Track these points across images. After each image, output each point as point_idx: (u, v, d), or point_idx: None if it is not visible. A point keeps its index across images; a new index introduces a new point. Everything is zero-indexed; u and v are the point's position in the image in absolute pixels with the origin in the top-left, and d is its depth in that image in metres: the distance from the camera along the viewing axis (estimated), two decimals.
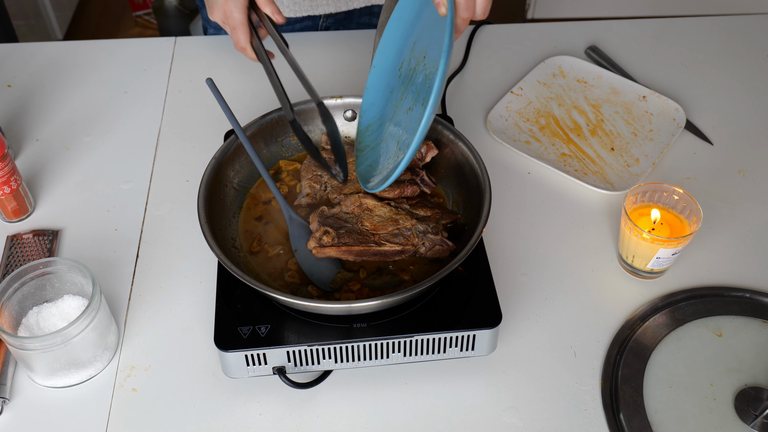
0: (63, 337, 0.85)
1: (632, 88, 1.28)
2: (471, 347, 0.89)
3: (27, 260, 1.02)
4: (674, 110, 1.23)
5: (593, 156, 1.18)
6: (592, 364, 0.93)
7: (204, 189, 0.94)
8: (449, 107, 1.26)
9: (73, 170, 1.16)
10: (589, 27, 1.43)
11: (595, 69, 1.31)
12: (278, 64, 0.99)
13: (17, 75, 1.32)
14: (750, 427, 0.86)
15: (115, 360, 0.94)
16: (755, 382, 0.90)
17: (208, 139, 1.19)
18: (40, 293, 0.93)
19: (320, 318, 0.88)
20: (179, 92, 1.29)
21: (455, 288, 0.91)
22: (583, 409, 0.89)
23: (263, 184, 1.03)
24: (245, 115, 1.21)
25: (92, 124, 1.24)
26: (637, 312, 0.98)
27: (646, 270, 1.00)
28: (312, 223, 0.94)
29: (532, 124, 1.23)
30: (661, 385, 0.90)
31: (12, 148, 1.18)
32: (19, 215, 1.08)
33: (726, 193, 1.13)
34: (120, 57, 1.36)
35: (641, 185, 1.01)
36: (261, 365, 0.88)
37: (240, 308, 0.89)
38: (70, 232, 1.08)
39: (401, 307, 0.89)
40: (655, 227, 0.99)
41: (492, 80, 1.31)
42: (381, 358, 0.89)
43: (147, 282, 1.01)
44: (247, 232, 0.98)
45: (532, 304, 0.99)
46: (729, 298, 0.99)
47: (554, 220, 1.09)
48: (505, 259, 1.04)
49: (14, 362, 0.93)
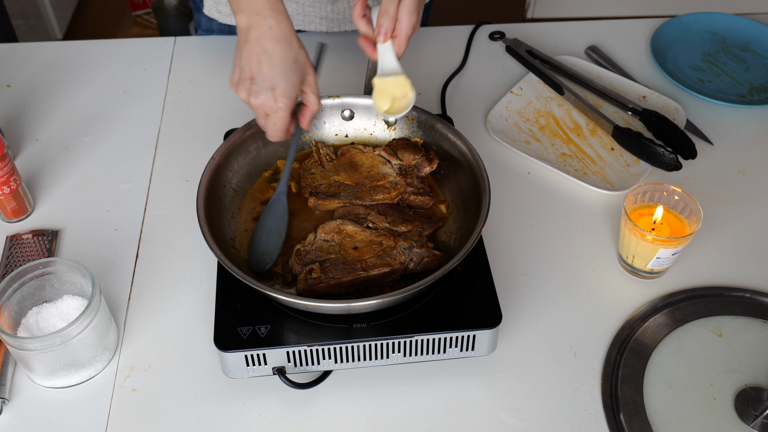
0: (62, 337, 0.85)
1: (632, 88, 1.28)
2: (471, 347, 0.89)
3: (26, 260, 1.02)
4: (674, 110, 1.23)
5: (593, 156, 1.18)
6: (592, 364, 0.93)
7: (203, 189, 0.94)
8: (449, 107, 1.26)
9: (72, 170, 1.16)
10: (589, 27, 1.42)
11: (595, 69, 1.31)
12: None
13: (17, 75, 1.32)
14: (750, 427, 0.86)
15: (115, 360, 0.94)
16: (755, 382, 0.90)
17: (208, 139, 1.19)
18: (39, 293, 0.93)
19: (320, 318, 0.88)
20: (179, 92, 1.28)
21: (455, 288, 0.91)
22: (583, 409, 0.89)
23: (262, 184, 1.03)
24: (245, 116, 1.21)
25: (92, 124, 1.23)
26: (637, 312, 0.98)
27: (646, 270, 1.00)
28: (293, 267, 0.93)
29: (532, 124, 1.23)
30: (661, 385, 0.90)
31: (11, 148, 1.18)
32: (18, 215, 1.08)
33: (726, 193, 1.13)
34: (120, 57, 1.36)
35: (641, 185, 1.01)
36: (261, 365, 0.87)
37: (240, 308, 0.89)
38: (70, 232, 1.07)
39: (401, 307, 0.89)
40: (655, 227, 0.99)
41: (492, 80, 1.31)
42: (381, 359, 0.89)
43: (147, 282, 1.01)
44: (247, 231, 0.98)
45: (532, 304, 0.99)
46: (729, 298, 0.99)
47: (554, 220, 1.09)
48: (504, 259, 1.04)
49: (14, 362, 0.92)
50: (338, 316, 0.88)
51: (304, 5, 1.29)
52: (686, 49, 1.37)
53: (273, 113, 0.92)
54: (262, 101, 0.91)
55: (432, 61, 1.34)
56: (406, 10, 0.93)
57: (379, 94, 0.98)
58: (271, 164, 1.06)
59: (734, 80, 1.31)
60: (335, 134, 1.09)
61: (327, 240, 0.94)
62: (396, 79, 0.97)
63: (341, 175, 1.02)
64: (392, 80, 0.97)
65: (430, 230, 0.97)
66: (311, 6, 1.29)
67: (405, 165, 1.03)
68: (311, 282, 0.89)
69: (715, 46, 1.37)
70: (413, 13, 0.94)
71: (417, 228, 0.96)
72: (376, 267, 0.91)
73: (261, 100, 0.91)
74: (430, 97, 1.28)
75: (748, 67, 1.33)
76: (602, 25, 1.43)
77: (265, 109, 0.92)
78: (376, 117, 1.07)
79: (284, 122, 0.93)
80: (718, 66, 1.34)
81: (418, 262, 0.92)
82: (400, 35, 0.95)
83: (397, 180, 1.01)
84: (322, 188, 1.01)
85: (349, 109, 1.07)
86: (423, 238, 0.95)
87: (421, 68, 1.33)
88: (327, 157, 1.04)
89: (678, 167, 1.10)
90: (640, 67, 1.34)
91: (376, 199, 1.00)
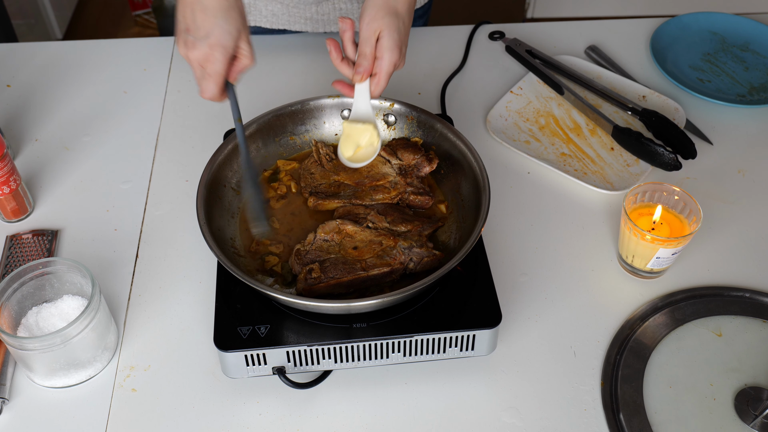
0: (62, 337, 0.85)
1: (632, 87, 1.28)
2: (471, 347, 0.89)
3: (26, 260, 1.02)
4: (674, 110, 1.23)
5: (593, 156, 1.18)
6: (592, 364, 0.93)
7: (203, 189, 0.94)
8: (449, 107, 1.26)
9: (72, 170, 1.16)
10: (589, 27, 1.42)
11: (595, 69, 1.31)
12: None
13: (16, 75, 1.32)
14: (750, 427, 0.86)
15: (115, 360, 0.94)
16: (755, 382, 0.90)
17: (208, 139, 1.19)
18: (39, 293, 0.93)
19: (320, 318, 0.88)
20: (179, 92, 1.28)
21: (455, 288, 0.91)
22: (583, 409, 0.89)
23: (262, 184, 1.03)
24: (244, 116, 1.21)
25: (92, 123, 1.23)
26: (636, 312, 0.98)
27: (646, 270, 1.00)
28: (293, 267, 0.93)
29: (532, 123, 1.23)
30: (661, 385, 0.90)
31: (11, 148, 1.18)
32: (18, 215, 1.08)
33: (726, 192, 1.13)
34: (119, 57, 1.36)
35: (641, 185, 1.01)
36: (261, 365, 0.87)
37: (239, 308, 0.89)
38: (70, 232, 1.07)
39: (401, 307, 0.89)
40: (655, 227, 0.99)
41: (492, 80, 1.31)
42: (381, 358, 0.89)
43: (146, 282, 1.01)
44: (246, 231, 0.98)
45: (531, 304, 0.99)
46: (729, 298, 0.99)
47: (554, 220, 1.09)
48: (504, 259, 1.04)
49: (14, 362, 0.92)
50: (338, 315, 0.88)
51: (289, 6, 1.29)
52: (686, 48, 1.37)
53: (208, 64, 0.88)
54: (197, 53, 0.88)
55: (432, 61, 1.34)
56: (386, 48, 0.92)
57: (345, 139, 0.97)
58: (271, 164, 1.06)
59: (734, 80, 1.31)
60: (335, 134, 1.09)
61: (327, 240, 0.94)
62: (365, 127, 0.96)
63: (341, 175, 1.02)
64: (361, 127, 0.96)
65: (429, 230, 0.97)
66: (296, 7, 1.29)
67: (405, 165, 1.03)
68: (311, 282, 0.89)
69: (714, 46, 1.37)
70: (394, 51, 0.92)
71: (417, 228, 0.96)
72: (376, 267, 0.91)
73: (197, 52, 0.88)
74: (430, 97, 1.28)
75: (747, 67, 1.33)
76: (602, 25, 1.43)
77: (200, 61, 0.88)
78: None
79: (219, 75, 0.88)
80: (718, 66, 1.34)
81: (417, 262, 0.92)
82: (379, 73, 0.94)
83: (397, 180, 1.01)
84: (322, 188, 1.01)
85: (349, 109, 1.07)
86: (423, 238, 0.95)
87: (421, 68, 1.33)
88: (327, 157, 1.04)
89: (678, 167, 1.10)
90: (639, 67, 1.34)
91: (375, 198, 1.00)
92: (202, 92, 0.91)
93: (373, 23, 0.92)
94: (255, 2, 1.29)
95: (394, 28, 0.92)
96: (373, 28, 0.92)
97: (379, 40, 0.93)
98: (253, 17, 1.31)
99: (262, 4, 1.29)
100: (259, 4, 1.29)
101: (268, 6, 1.29)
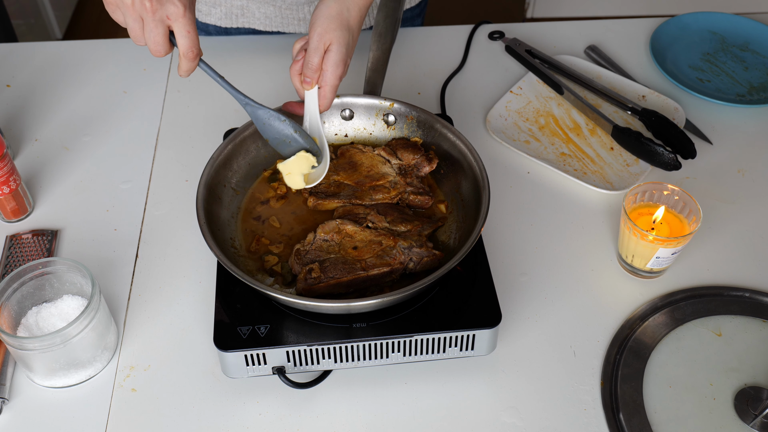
0: (62, 337, 0.85)
1: (632, 87, 1.28)
2: (471, 347, 0.89)
3: (26, 260, 1.02)
4: (674, 110, 1.23)
5: (593, 155, 1.18)
6: (592, 364, 0.93)
7: (203, 189, 0.94)
8: (449, 107, 1.26)
9: (72, 170, 1.16)
10: (589, 26, 1.42)
11: (595, 68, 1.31)
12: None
13: (16, 75, 1.32)
14: (750, 426, 0.86)
15: (115, 360, 0.94)
16: (755, 381, 0.90)
17: (207, 139, 1.19)
18: (39, 293, 0.93)
19: (320, 318, 0.88)
20: (178, 92, 1.28)
21: (454, 288, 0.91)
22: (583, 409, 0.89)
23: (262, 184, 1.03)
24: (245, 115, 1.21)
25: (91, 123, 1.23)
26: (636, 312, 0.98)
27: (646, 270, 1.00)
28: (293, 267, 0.93)
29: (532, 123, 1.23)
30: (660, 385, 0.90)
31: (11, 147, 1.18)
32: (18, 215, 1.08)
33: (725, 192, 1.13)
34: (119, 57, 1.35)
35: (641, 185, 1.01)
36: (260, 365, 0.87)
37: (239, 308, 0.89)
38: (70, 232, 1.07)
39: (401, 307, 0.89)
40: (655, 227, 0.99)
41: (491, 80, 1.31)
42: (380, 358, 0.89)
43: (146, 282, 1.01)
44: (246, 231, 0.98)
45: (531, 304, 0.99)
46: (729, 298, 0.99)
47: (554, 220, 1.09)
48: (504, 259, 1.04)
49: (14, 362, 0.92)
50: (338, 315, 0.88)
51: (281, 8, 1.29)
52: (686, 48, 1.37)
53: (146, 14, 0.80)
54: (128, 5, 0.79)
55: (432, 61, 1.34)
56: (333, 63, 0.93)
57: (288, 177, 0.97)
58: (271, 164, 1.05)
59: (734, 80, 1.31)
60: (335, 134, 1.09)
61: (327, 240, 0.94)
62: (297, 158, 0.96)
63: (341, 175, 1.02)
64: (293, 160, 0.96)
65: (429, 230, 0.97)
66: (288, 9, 1.29)
67: (404, 164, 1.03)
68: (311, 282, 0.89)
69: (714, 46, 1.37)
70: (340, 65, 0.93)
71: (416, 228, 0.96)
72: (376, 267, 0.91)
73: (128, 5, 0.80)
74: (429, 96, 1.28)
75: (747, 67, 1.33)
76: (602, 25, 1.43)
77: (138, 12, 0.79)
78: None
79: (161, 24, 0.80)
80: (718, 65, 1.34)
81: (417, 261, 0.92)
82: (325, 87, 0.94)
83: (397, 179, 1.01)
84: (322, 188, 1.01)
85: (349, 108, 1.07)
86: (422, 238, 0.95)
87: (420, 68, 1.33)
88: None
89: (677, 167, 1.10)
90: (639, 67, 1.34)
91: (375, 198, 1.00)
92: (151, 49, 0.83)
93: (326, 35, 0.93)
94: (248, 5, 1.29)
95: (344, 43, 0.93)
96: (324, 40, 0.93)
97: (327, 53, 0.93)
98: (247, 19, 1.31)
99: (255, 7, 1.30)
100: (252, 7, 1.30)
101: (261, 8, 1.30)
